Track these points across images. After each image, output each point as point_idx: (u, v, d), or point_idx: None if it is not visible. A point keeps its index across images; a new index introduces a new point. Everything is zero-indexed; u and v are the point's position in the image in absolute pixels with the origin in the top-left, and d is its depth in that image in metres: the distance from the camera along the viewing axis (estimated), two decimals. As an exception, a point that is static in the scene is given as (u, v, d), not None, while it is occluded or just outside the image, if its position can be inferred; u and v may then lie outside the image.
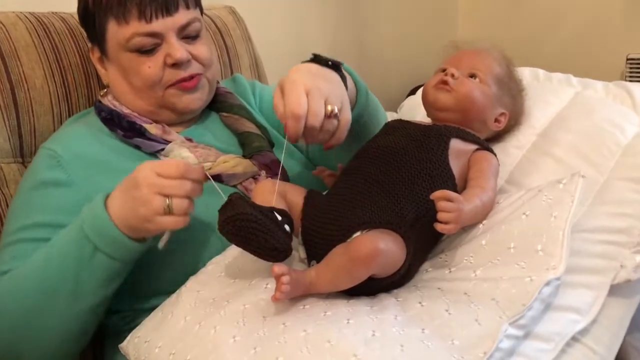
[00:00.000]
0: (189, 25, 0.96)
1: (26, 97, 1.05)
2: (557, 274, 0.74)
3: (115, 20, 0.93)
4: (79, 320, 0.86)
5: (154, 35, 0.94)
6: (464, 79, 0.92)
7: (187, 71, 0.97)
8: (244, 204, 0.75)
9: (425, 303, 0.74)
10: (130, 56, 0.95)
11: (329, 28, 1.95)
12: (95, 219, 0.82)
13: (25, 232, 0.89)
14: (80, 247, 0.82)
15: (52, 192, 0.92)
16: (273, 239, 0.74)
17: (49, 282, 0.83)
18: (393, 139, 0.88)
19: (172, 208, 0.77)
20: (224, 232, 0.75)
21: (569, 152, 0.95)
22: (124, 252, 0.83)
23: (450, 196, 0.75)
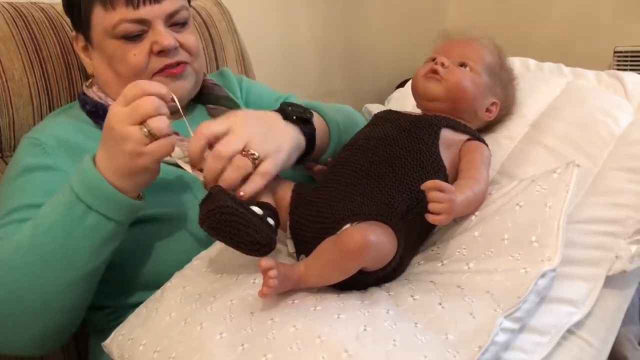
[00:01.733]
0: (176, 13, 0.95)
1: (4, 89, 1.02)
2: (553, 265, 0.72)
3: (102, 6, 0.92)
4: (68, 295, 0.80)
5: (141, 22, 0.92)
6: (455, 68, 0.90)
7: (173, 58, 0.95)
8: (224, 197, 0.72)
9: (418, 297, 0.72)
10: (116, 43, 0.93)
11: (317, 20, 1.93)
12: (85, 179, 0.77)
13: (12, 215, 0.85)
14: (70, 209, 0.77)
15: (38, 175, 0.89)
16: (255, 233, 0.72)
17: (38, 249, 0.78)
18: (382, 129, 0.86)
19: (152, 132, 0.73)
20: (204, 226, 0.73)
21: (562, 142, 0.93)
22: (119, 210, 0.78)
23: (441, 186, 0.73)
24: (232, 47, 1.38)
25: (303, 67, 1.91)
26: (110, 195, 0.77)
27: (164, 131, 0.74)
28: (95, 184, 0.77)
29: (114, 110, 0.76)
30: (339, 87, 2.02)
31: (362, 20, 2.05)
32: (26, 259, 0.78)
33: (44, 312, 0.80)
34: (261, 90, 1.18)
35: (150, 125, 0.74)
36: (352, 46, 2.05)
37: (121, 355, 0.77)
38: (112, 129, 0.75)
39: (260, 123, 0.81)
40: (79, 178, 0.78)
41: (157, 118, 0.74)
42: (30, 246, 0.78)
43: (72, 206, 0.77)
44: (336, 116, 0.96)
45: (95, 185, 0.77)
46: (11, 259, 0.79)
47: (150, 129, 0.73)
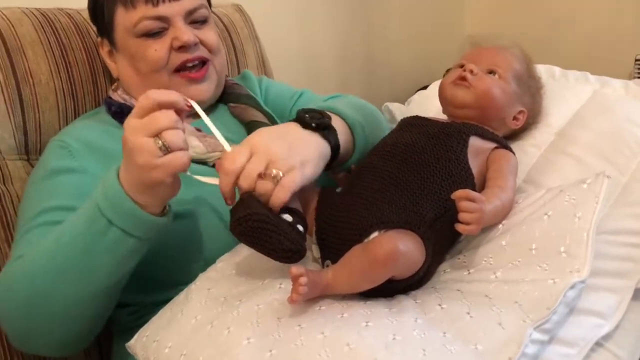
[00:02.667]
0: (195, 10, 0.96)
1: (31, 93, 1.03)
2: (582, 276, 0.71)
3: (123, 6, 0.94)
4: (90, 304, 0.80)
5: (161, 19, 0.94)
6: (483, 75, 0.89)
7: (194, 54, 0.96)
8: (256, 203, 0.72)
9: (445, 305, 0.72)
10: (137, 41, 0.95)
11: (337, 27, 1.93)
12: (107, 192, 0.76)
13: (39, 218, 0.85)
14: (93, 222, 0.76)
15: (64, 178, 0.89)
16: (286, 240, 0.71)
17: (59, 260, 0.77)
18: (410, 135, 0.86)
19: (166, 144, 0.71)
20: (235, 232, 0.73)
21: (589, 152, 0.93)
22: (140, 226, 0.77)
23: (472, 196, 0.73)
24: (253, 53, 1.39)
25: (322, 73, 1.92)
26: (130, 210, 0.75)
27: (178, 144, 0.72)
28: (117, 198, 0.75)
29: (129, 123, 0.74)
30: (357, 94, 2.01)
31: (381, 29, 2.05)
32: (48, 269, 0.78)
33: (66, 320, 0.81)
34: (279, 88, 1.19)
35: (165, 138, 0.71)
36: (370, 54, 2.05)
37: (146, 357, 0.77)
38: (126, 141, 0.73)
39: (281, 140, 0.78)
40: (102, 190, 0.77)
41: (172, 131, 0.72)
42: (53, 256, 0.78)
43: (94, 220, 0.76)
44: (356, 115, 0.94)
45: (116, 200, 0.75)
46: (34, 268, 0.79)
47: (164, 142, 0.71)
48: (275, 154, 0.75)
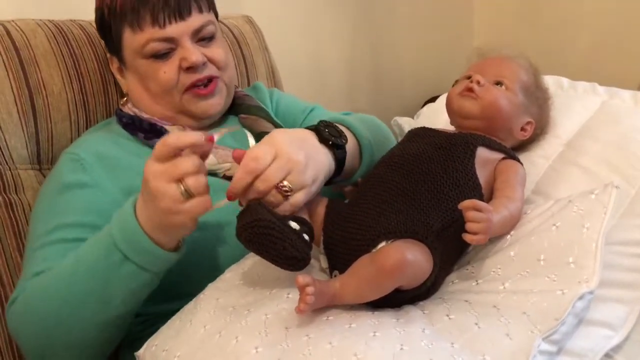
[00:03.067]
0: (202, 28, 0.97)
1: (44, 104, 1.04)
2: (591, 287, 0.71)
3: (130, 28, 0.94)
4: (106, 329, 0.83)
5: (168, 40, 0.94)
6: (490, 86, 0.90)
7: (202, 73, 0.97)
8: (262, 210, 0.73)
9: (453, 316, 0.72)
10: (146, 62, 0.96)
11: (345, 38, 1.94)
12: (124, 227, 0.78)
13: (53, 234, 0.87)
14: (108, 255, 0.78)
15: (77, 193, 0.90)
16: (292, 247, 0.72)
17: (75, 289, 0.80)
18: (417, 146, 0.86)
19: (189, 191, 0.72)
20: (241, 238, 0.73)
21: (598, 163, 0.93)
22: (155, 262, 0.79)
23: (479, 206, 0.73)
24: (263, 65, 1.40)
25: (331, 85, 1.93)
26: (147, 248, 0.77)
27: (201, 190, 0.72)
28: (133, 235, 0.77)
29: (150, 168, 0.73)
30: (365, 105, 2.02)
31: (388, 40, 2.06)
32: (63, 295, 0.80)
33: (82, 342, 0.83)
34: (290, 101, 1.20)
35: (188, 184, 0.71)
36: (378, 65, 2.06)
37: (155, 366, 0.78)
38: (148, 183, 0.74)
39: (303, 150, 0.78)
40: (119, 224, 0.78)
41: (194, 177, 0.72)
42: (69, 283, 0.80)
43: (110, 252, 0.78)
44: (368, 134, 0.95)
45: (133, 236, 0.77)
46: (49, 292, 0.81)
47: (187, 188, 0.72)
48: (296, 164, 0.76)
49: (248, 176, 0.74)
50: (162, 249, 0.77)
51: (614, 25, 1.97)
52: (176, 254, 0.80)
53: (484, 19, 2.29)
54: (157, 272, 0.80)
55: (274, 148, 0.76)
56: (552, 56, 1.93)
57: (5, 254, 0.97)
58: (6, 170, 1.01)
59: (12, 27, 1.06)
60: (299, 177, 0.76)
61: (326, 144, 0.83)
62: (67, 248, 0.85)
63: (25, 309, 0.83)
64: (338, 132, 0.86)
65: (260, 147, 0.75)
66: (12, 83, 1.01)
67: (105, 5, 0.96)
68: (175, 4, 0.93)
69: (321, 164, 0.81)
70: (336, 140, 0.84)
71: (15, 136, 1.02)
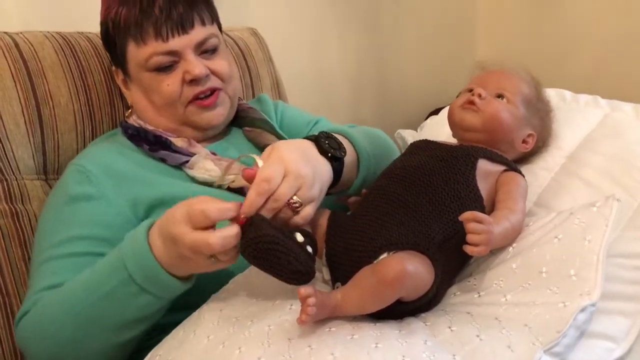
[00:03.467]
0: (205, 41, 0.98)
1: (51, 115, 1.06)
2: (592, 299, 0.71)
3: (134, 42, 0.96)
4: (119, 347, 0.85)
5: (171, 54, 0.95)
6: (491, 99, 0.91)
7: (205, 86, 0.98)
8: (265, 225, 0.73)
9: (455, 328, 0.72)
10: (150, 75, 0.97)
11: (349, 50, 1.95)
12: (141, 262, 0.78)
13: (60, 248, 0.88)
14: (124, 285, 0.79)
15: (83, 206, 0.91)
16: (296, 262, 0.72)
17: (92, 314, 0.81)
18: (419, 158, 0.87)
19: (218, 260, 0.74)
20: (245, 254, 0.74)
21: (600, 175, 0.93)
22: (171, 292, 0.81)
23: (480, 217, 0.73)
24: (267, 76, 1.41)
25: (335, 96, 1.94)
26: (164, 282, 0.78)
27: (229, 260, 0.75)
28: (151, 271, 0.78)
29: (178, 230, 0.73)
30: (369, 116, 2.03)
31: (392, 51, 2.08)
32: (78, 321, 0.81)
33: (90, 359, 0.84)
34: (294, 114, 1.21)
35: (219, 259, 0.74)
36: (382, 77, 2.07)
37: (159, 376, 0.78)
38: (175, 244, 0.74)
39: (309, 164, 0.80)
40: (133, 257, 0.79)
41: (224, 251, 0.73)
42: (82, 310, 0.81)
43: (126, 284, 0.79)
44: (368, 146, 0.96)
45: (151, 272, 0.78)
46: (63, 311, 0.82)
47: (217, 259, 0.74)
48: (305, 179, 0.77)
49: (261, 198, 0.75)
50: (179, 280, 0.79)
51: (616, 38, 1.97)
52: (189, 284, 0.81)
53: (487, 33, 2.31)
54: (171, 299, 0.82)
55: (283, 165, 0.77)
56: (555, 69, 1.93)
57: (11, 263, 0.98)
58: (12, 180, 1.02)
59: (20, 39, 1.07)
60: (308, 192, 0.78)
61: (325, 156, 0.85)
62: (75, 262, 0.86)
63: (38, 324, 0.84)
64: (337, 143, 0.87)
65: (271, 167, 0.76)
66: (20, 94, 1.03)
67: (109, 19, 0.98)
68: (178, 18, 0.94)
69: (325, 177, 0.83)
70: (335, 153, 0.85)
71: (22, 147, 1.03)
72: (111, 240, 0.89)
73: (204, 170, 0.95)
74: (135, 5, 0.94)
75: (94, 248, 0.88)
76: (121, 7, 0.95)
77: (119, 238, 0.90)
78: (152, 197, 0.92)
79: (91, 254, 0.88)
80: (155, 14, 0.93)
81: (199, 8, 0.97)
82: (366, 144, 0.96)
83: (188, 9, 0.95)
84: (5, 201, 1.00)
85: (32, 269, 0.91)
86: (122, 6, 0.95)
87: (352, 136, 0.94)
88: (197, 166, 0.96)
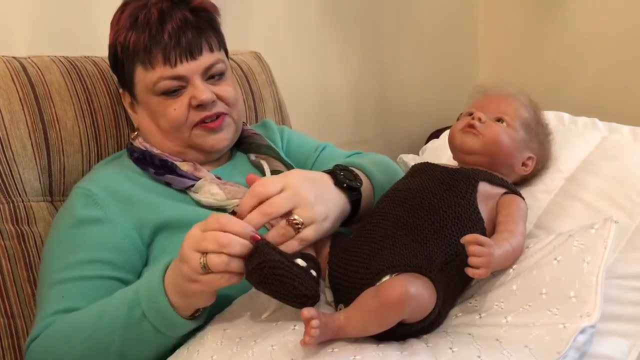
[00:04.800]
0: (212, 67, 0.99)
1: (57, 137, 1.07)
2: (592, 321, 0.72)
3: (142, 66, 0.97)
4: None
5: (179, 79, 0.97)
6: (492, 123, 0.92)
7: (211, 111, 0.99)
8: (270, 250, 0.74)
9: (456, 349, 0.73)
10: (157, 99, 0.98)
11: (351, 73, 1.98)
12: (150, 286, 0.81)
13: (69, 271, 0.90)
14: (131, 309, 0.81)
15: (90, 229, 0.93)
16: (301, 286, 0.73)
17: (97, 338, 0.82)
18: (420, 181, 0.88)
19: (206, 265, 0.74)
20: (251, 280, 0.75)
21: (598, 197, 0.94)
22: (171, 327, 0.81)
23: (481, 240, 0.74)
24: (270, 99, 1.43)
25: (337, 117, 1.96)
26: (164, 311, 0.79)
27: (218, 269, 0.74)
28: (155, 296, 0.80)
29: (191, 231, 0.77)
30: (371, 136, 2.05)
31: (394, 73, 2.10)
32: (86, 344, 0.83)
33: None
34: (300, 140, 1.22)
35: (207, 260, 0.74)
36: (384, 98, 2.10)
37: (162, 396, 0.79)
38: (182, 245, 0.77)
39: (313, 188, 0.82)
40: (147, 282, 0.81)
41: (215, 256, 0.74)
42: (92, 333, 0.83)
43: (133, 307, 0.81)
44: (379, 176, 0.99)
45: (155, 298, 0.80)
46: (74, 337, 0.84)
47: (206, 263, 0.74)
48: (303, 199, 0.81)
49: (253, 199, 0.79)
50: (177, 313, 0.79)
51: (614, 61, 2.00)
52: (192, 323, 0.81)
53: (488, 55, 2.33)
54: (170, 336, 0.82)
55: (284, 180, 0.81)
56: (554, 92, 1.96)
57: (16, 285, 0.99)
58: (19, 202, 1.03)
59: (28, 64, 1.09)
60: (308, 212, 0.80)
61: (341, 187, 0.87)
62: (83, 286, 0.88)
63: (49, 350, 0.85)
64: (353, 175, 0.90)
65: (270, 177, 0.81)
66: (27, 117, 1.05)
67: (118, 43, 0.99)
68: (186, 44, 0.96)
69: (335, 205, 0.85)
70: (351, 183, 0.89)
71: (28, 169, 1.04)
72: (118, 264, 0.91)
73: (209, 194, 0.97)
74: (145, 31, 0.95)
75: (102, 271, 0.90)
76: (130, 32, 0.97)
77: (125, 261, 0.91)
78: (157, 220, 0.93)
79: (99, 277, 0.89)
80: (165, 40, 0.95)
81: (207, 35, 0.98)
82: (378, 173, 0.99)
83: (197, 35, 0.97)
84: (12, 222, 1.01)
85: (41, 292, 0.92)
86: (131, 31, 0.96)
87: (365, 167, 0.97)
88: (202, 190, 0.97)
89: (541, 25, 2.18)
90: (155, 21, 0.95)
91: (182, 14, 0.97)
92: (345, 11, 1.94)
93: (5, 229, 1.00)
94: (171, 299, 0.79)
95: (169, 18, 0.96)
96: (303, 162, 1.16)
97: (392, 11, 2.06)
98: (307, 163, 1.16)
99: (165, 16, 0.96)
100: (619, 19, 1.98)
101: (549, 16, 2.16)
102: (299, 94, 1.72)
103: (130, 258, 0.92)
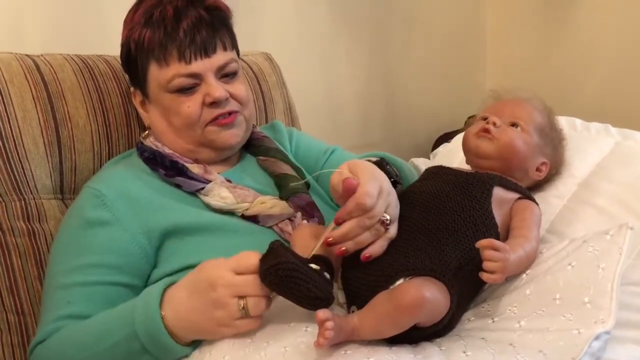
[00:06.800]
0: (226, 65, 0.99)
1: (69, 136, 1.07)
2: (607, 327, 0.72)
3: (157, 63, 0.97)
4: None
5: (193, 76, 0.97)
6: (506, 128, 0.92)
7: (224, 108, 0.99)
8: (285, 252, 0.74)
9: (470, 353, 0.72)
10: (170, 97, 0.98)
11: (360, 76, 1.98)
12: (149, 325, 0.80)
13: (74, 275, 0.90)
14: (129, 340, 0.81)
15: (98, 232, 0.92)
16: (315, 288, 0.73)
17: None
18: (434, 184, 0.88)
19: (248, 310, 0.75)
20: (266, 281, 0.75)
21: (612, 203, 0.94)
22: (171, 357, 0.81)
23: (496, 245, 0.74)
24: (280, 100, 1.43)
25: (345, 120, 1.96)
26: (167, 347, 0.80)
27: (258, 313, 0.76)
28: (156, 331, 0.79)
29: (219, 271, 0.77)
30: (378, 140, 2.06)
31: (402, 77, 2.11)
32: None
33: None
34: (309, 143, 1.22)
35: (249, 304, 0.75)
36: (391, 100, 2.10)
37: (174, 397, 0.78)
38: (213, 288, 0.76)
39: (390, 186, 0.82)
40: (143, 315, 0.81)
41: (257, 299, 0.75)
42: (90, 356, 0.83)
43: (132, 339, 0.81)
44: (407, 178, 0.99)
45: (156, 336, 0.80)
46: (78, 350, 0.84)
47: (246, 307, 0.75)
48: (392, 197, 0.81)
49: (359, 211, 0.77)
50: (180, 345, 0.80)
51: (623, 68, 2.00)
52: (191, 348, 0.82)
53: (497, 60, 2.33)
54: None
55: (378, 184, 0.80)
56: (565, 98, 1.95)
57: (27, 282, 0.99)
58: (30, 199, 1.03)
59: (41, 62, 1.09)
60: (395, 210, 0.81)
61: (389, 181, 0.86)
62: (88, 291, 0.88)
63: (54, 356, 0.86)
64: (396, 172, 0.90)
65: (370, 185, 0.78)
66: (40, 115, 1.05)
67: (132, 40, 0.99)
68: (201, 42, 0.96)
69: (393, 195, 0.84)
70: (397, 179, 0.89)
71: (40, 167, 1.04)
72: (124, 268, 0.91)
73: (219, 197, 0.96)
74: (160, 28, 0.96)
75: (108, 276, 0.90)
76: (145, 29, 0.97)
77: (132, 265, 0.92)
78: (166, 223, 0.93)
79: (105, 282, 0.90)
80: (180, 37, 0.95)
81: (221, 34, 0.99)
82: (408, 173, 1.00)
83: (211, 34, 0.97)
84: (23, 220, 1.01)
85: (47, 291, 0.92)
86: (146, 28, 0.97)
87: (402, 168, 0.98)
88: (213, 193, 0.97)
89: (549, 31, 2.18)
90: (170, 18, 0.96)
91: (196, 12, 0.97)
92: (354, 15, 1.94)
93: (16, 226, 1.00)
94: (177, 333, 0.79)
95: (184, 15, 0.96)
96: (312, 165, 1.15)
97: (401, 15, 2.07)
98: (316, 166, 1.16)
99: (181, 14, 0.96)
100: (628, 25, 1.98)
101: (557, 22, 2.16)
102: (307, 96, 1.72)
103: (137, 262, 0.92)
